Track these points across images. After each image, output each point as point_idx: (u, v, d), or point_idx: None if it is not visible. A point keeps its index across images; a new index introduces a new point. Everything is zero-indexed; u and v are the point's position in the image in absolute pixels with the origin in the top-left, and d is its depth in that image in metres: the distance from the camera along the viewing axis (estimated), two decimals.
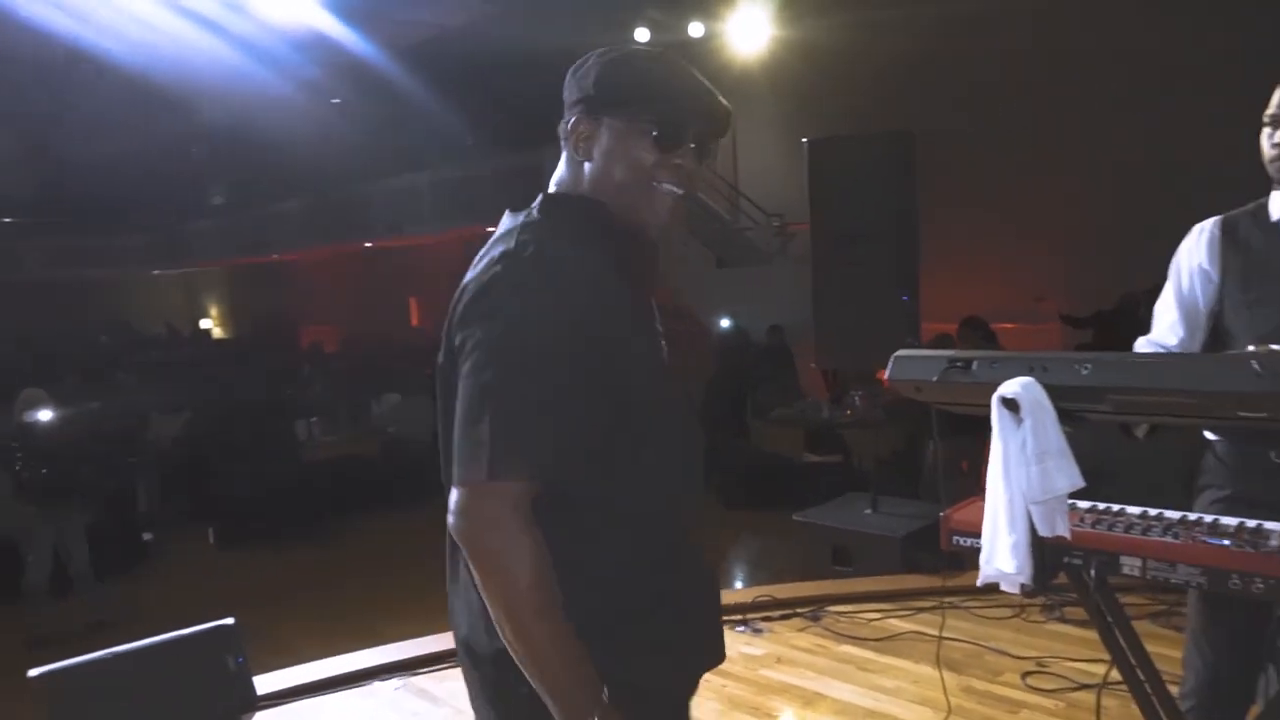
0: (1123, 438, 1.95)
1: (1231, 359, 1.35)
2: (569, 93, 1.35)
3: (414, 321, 20.24)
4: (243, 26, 9.72)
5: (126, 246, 21.65)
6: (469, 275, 1.28)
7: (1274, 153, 1.84)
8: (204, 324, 23.78)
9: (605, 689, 1.17)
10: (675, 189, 1.31)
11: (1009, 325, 8.30)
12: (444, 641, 3.50)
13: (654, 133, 1.29)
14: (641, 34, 10.84)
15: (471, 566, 1.17)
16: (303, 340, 17.75)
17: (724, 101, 1.35)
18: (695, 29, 10.96)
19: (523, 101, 11.63)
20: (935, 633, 3.37)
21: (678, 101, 1.31)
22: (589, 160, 1.32)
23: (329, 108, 14.44)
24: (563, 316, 1.19)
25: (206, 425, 8.70)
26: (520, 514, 1.14)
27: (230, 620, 2.89)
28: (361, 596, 5.69)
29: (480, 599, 1.19)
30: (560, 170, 1.37)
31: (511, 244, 1.25)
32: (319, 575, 6.52)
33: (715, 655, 1.38)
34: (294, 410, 9.38)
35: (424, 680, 3.28)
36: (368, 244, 18.81)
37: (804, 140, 4.39)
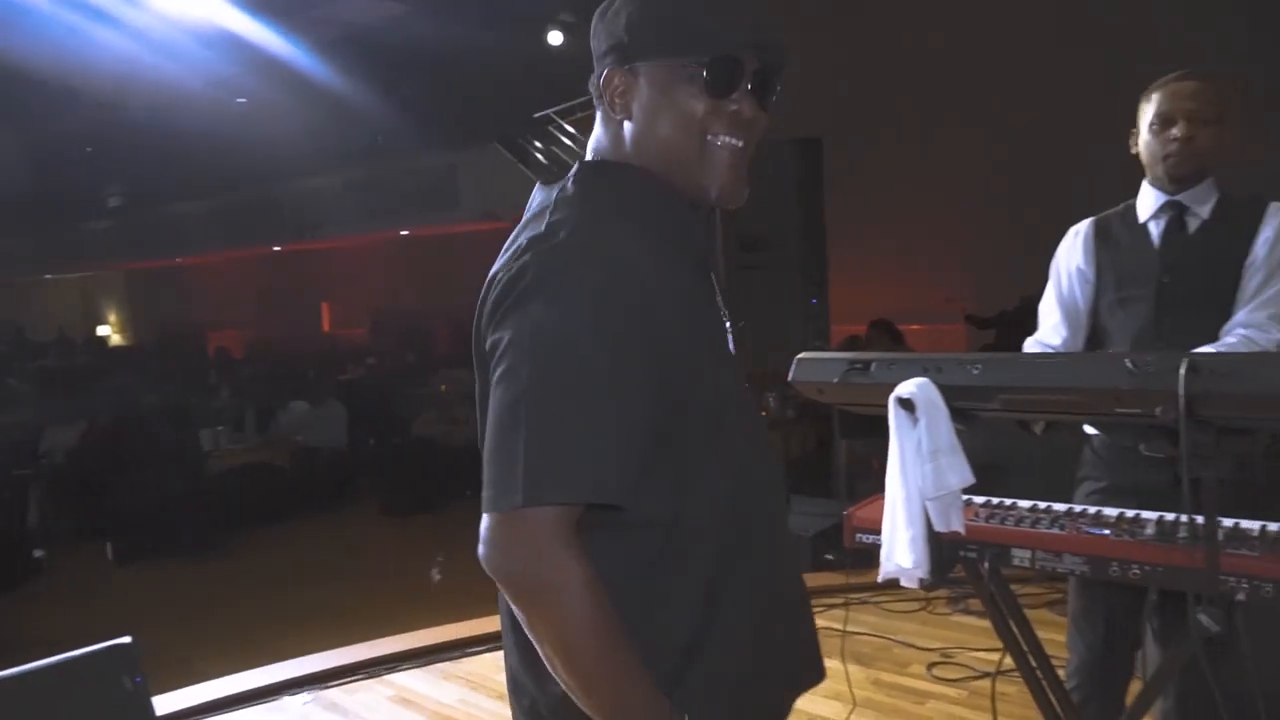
0: (1025, 434, 2.04)
1: (1108, 358, 1.43)
2: (597, 41, 1.16)
3: (325, 327, 19.80)
4: (142, 20, 9.37)
5: (16, 249, 20.58)
6: (496, 265, 1.09)
7: (1171, 148, 1.93)
8: (101, 330, 22.78)
9: None
10: (734, 140, 1.12)
11: (918, 326, 8.55)
12: (354, 654, 3.44)
13: (702, 75, 1.09)
14: (555, 37, 10.82)
15: (512, 604, 1.02)
16: (209, 347, 17.18)
17: (778, 28, 1.15)
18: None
19: (436, 101, 11.52)
20: (849, 629, 3.46)
21: (726, 34, 1.10)
22: (628, 118, 1.13)
23: (235, 106, 14.00)
24: (605, 309, 1.00)
25: (104, 436, 8.34)
26: (564, 540, 0.97)
27: (127, 639, 2.78)
28: (268, 610, 5.53)
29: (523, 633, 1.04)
30: (596, 133, 1.18)
31: (541, 227, 1.06)
32: (223, 589, 6.32)
33: (812, 674, 1.24)
34: (199, 419, 9.06)
35: (334, 694, 3.22)
36: (277, 247, 18.31)
37: None
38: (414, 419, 9.76)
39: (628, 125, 1.13)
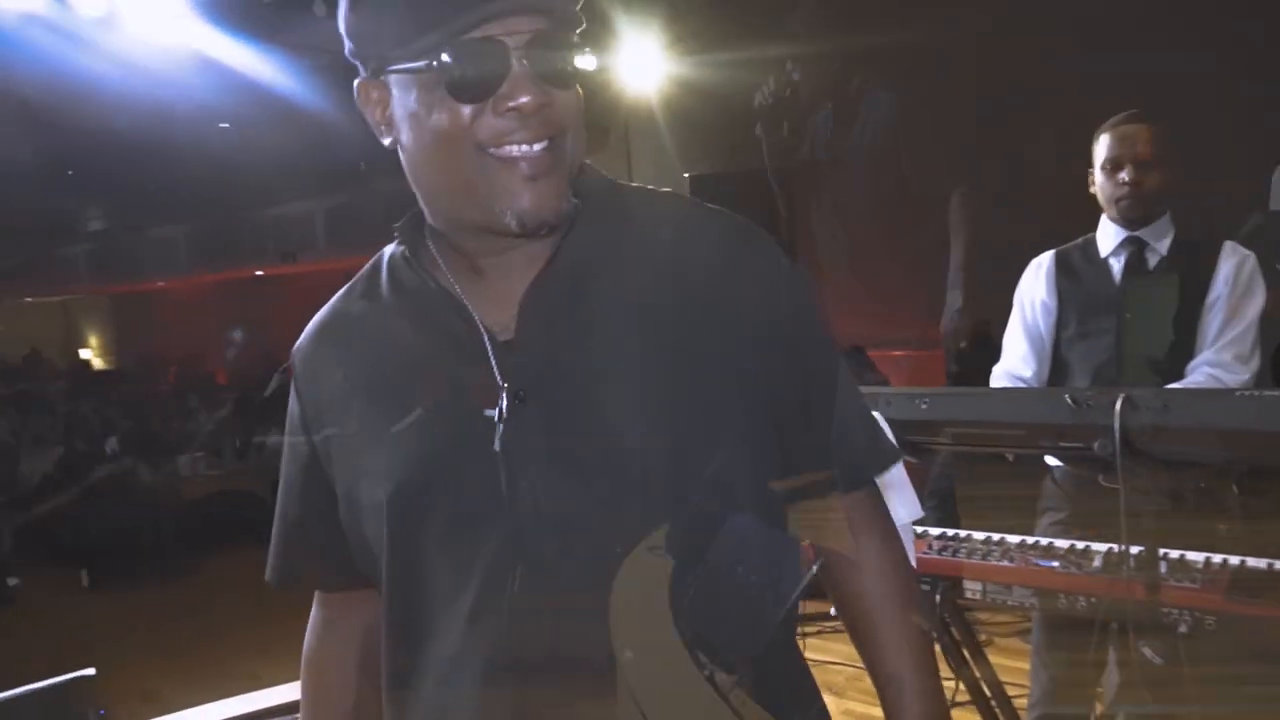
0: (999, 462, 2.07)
1: (1050, 394, 1.45)
2: None
3: None
4: (118, 44, 9.37)
5: None
6: None
7: (1122, 191, 1.98)
8: (84, 354, 22.59)
9: None
10: (519, 147, 0.80)
11: (899, 352, 8.54)
12: None
13: (436, 67, 0.77)
14: None
15: None
16: (191, 371, 17.05)
17: None
18: (588, 62, 10.99)
19: None
20: (820, 658, 3.46)
21: (463, 9, 0.76)
22: (400, 143, 0.86)
23: (217, 131, 13.98)
24: (292, 407, 1.03)
25: (78, 461, 8.26)
26: (322, 617, 1.21)
27: (90, 671, 2.74)
28: (240, 639, 5.46)
29: None
30: None
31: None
32: (194, 617, 6.23)
33: None
34: (177, 444, 9.01)
35: None
36: (259, 271, 18.28)
37: (686, 175, 4.51)
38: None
39: (401, 152, 0.87)
